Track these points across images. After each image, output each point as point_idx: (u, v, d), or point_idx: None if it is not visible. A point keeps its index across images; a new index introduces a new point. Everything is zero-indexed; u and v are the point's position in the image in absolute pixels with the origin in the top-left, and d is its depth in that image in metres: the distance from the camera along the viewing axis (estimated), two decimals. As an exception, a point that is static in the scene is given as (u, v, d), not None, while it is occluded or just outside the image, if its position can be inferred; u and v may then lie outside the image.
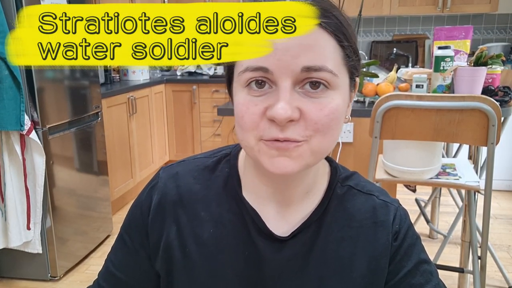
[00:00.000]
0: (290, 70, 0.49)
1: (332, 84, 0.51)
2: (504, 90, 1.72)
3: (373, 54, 3.87)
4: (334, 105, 0.51)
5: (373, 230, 0.62)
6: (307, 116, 0.50)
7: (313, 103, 0.51)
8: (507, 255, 2.35)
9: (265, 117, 0.51)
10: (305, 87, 0.51)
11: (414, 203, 2.62)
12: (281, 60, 0.49)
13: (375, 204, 0.63)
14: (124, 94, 2.98)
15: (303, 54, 0.49)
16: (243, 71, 0.51)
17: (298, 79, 0.50)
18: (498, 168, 2.70)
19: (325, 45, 0.51)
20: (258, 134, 0.52)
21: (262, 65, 0.49)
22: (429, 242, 2.51)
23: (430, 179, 1.57)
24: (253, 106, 0.51)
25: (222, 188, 0.63)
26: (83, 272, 2.27)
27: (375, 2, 3.47)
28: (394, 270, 0.61)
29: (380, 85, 1.93)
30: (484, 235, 1.55)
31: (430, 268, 0.62)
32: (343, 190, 0.64)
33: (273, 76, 0.50)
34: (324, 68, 0.50)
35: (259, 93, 0.51)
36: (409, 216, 0.65)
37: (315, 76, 0.50)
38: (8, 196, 1.96)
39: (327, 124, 0.51)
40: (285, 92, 0.49)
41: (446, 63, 1.71)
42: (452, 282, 2.06)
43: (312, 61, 0.49)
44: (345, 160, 1.99)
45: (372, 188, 0.65)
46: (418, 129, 1.43)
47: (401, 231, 0.62)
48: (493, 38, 3.73)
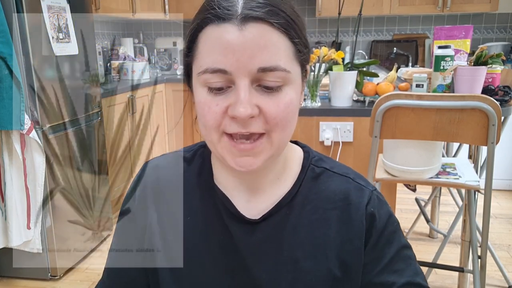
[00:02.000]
0: (248, 70, 0.52)
1: (285, 80, 0.54)
2: (504, 89, 1.72)
3: (373, 53, 3.87)
4: (288, 99, 0.54)
5: (347, 211, 0.62)
6: (265, 112, 0.53)
7: (270, 99, 0.53)
8: (507, 254, 2.35)
9: (227, 114, 0.53)
10: (261, 85, 0.53)
11: (414, 203, 2.62)
12: (239, 61, 0.51)
13: (349, 186, 0.64)
14: (124, 93, 2.98)
15: (259, 55, 0.51)
16: (202, 73, 0.53)
17: (254, 78, 0.52)
18: (498, 167, 2.70)
19: (278, 44, 0.53)
20: (220, 129, 0.54)
21: (220, 67, 0.52)
22: (429, 241, 2.51)
23: (430, 179, 1.57)
24: (214, 105, 0.54)
25: (196, 178, 0.67)
26: (83, 272, 2.27)
27: (375, 1, 3.46)
28: (377, 257, 0.62)
29: (380, 85, 1.93)
30: (484, 234, 1.55)
31: (409, 253, 0.64)
32: (317, 171, 0.65)
33: (231, 76, 0.52)
34: (278, 68, 0.52)
35: (219, 93, 0.54)
36: (387, 203, 0.66)
37: (269, 78, 0.52)
38: (8, 195, 1.96)
39: (284, 119, 0.54)
40: (244, 91, 0.52)
41: (446, 63, 1.71)
42: (452, 282, 2.06)
43: (267, 61, 0.52)
44: (345, 159, 1.99)
45: (348, 171, 0.66)
46: (418, 129, 1.43)
47: (380, 217, 0.62)
48: (493, 37, 3.73)
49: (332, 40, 3.93)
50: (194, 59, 0.56)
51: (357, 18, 1.98)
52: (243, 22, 0.51)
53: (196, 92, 0.56)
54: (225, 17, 0.52)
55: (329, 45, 3.82)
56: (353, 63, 1.96)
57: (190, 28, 0.57)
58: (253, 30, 0.51)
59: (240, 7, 0.52)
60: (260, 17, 0.52)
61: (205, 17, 0.54)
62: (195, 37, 0.56)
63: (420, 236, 2.57)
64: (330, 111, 1.95)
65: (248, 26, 0.51)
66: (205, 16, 0.54)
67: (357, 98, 2.03)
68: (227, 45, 0.51)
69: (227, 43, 0.51)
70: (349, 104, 1.94)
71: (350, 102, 1.94)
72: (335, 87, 1.92)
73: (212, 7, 0.53)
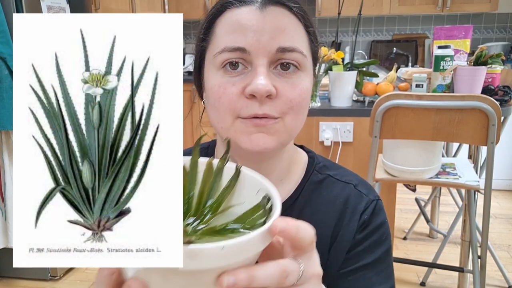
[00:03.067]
0: (267, 50, 0.52)
1: (302, 65, 0.55)
2: (504, 89, 1.72)
3: (372, 53, 3.87)
4: (304, 85, 0.55)
5: (344, 216, 0.62)
6: (282, 94, 0.53)
7: (287, 82, 0.54)
8: (507, 254, 2.35)
9: (243, 96, 0.53)
10: (278, 68, 0.54)
11: (414, 203, 2.62)
12: (259, 41, 0.52)
13: (350, 193, 0.63)
14: (124, 93, 2.98)
15: (278, 36, 0.52)
16: (220, 52, 0.53)
17: (273, 59, 0.53)
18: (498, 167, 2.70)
19: (296, 29, 0.54)
20: (235, 113, 0.53)
21: (240, 46, 0.52)
22: (429, 241, 2.51)
23: (430, 179, 1.57)
24: (230, 86, 0.53)
25: None
26: (83, 272, 2.27)
27: (375, 1, 3.47)
28: (354, 259, 0.61)
29: (380, 85, 1.93)
30: (484, 234, 1.55)
31: (387, 272, 0.62)
32: (321, 177, 0.65)
33: (249, 56, 0.52)
34: (296, 49, 0.53)
35: (235, 74, 0.53)
36: (385, 214, 0.64)
37: (288, 57, 0.53)
38: (8, 195, 1.96)
39: (299, 103, 0.54)
40: (262, 69, 0.52)
41: (446, 63, 1.71)
42: (452, 282, 2.06)
43: (287, 42, 0.53)
44: (345, 159, 1.99)
45: (352, 178, 0.66)
46: (418, 129, 1.43)
47: (371, 224, 0.61)
48: (493, 37, 3.73)
49: (332, 40, 3.93)
50: (210, 43, 0.56)
51: (357, 18, 1.98)
52: (263, 4, 0.53)
53: (210, 78, 0.56)
54: (246, 0, 0.54)
55: (328, 45, 3.82)
56: (353, 63, 1.96)
57: (207, 14, 0.57)
58: (273, 12, 0.53)
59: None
60: (280, 2, 0.54)
61: (225, 2, 0.55)
62: (212, 22, 0.56)
63: (420, 236, 2.57)
64: (330, 111, 1.95)
65: (269, 9, 0.53)
66: (225, 1, 0.55)
67: (357, 98, 2.03)
68: (248, 25, 0.52)
69: (248, 23, 0.52)
70: (349, 104, 1.94)
71: (350, 102, 1.95)
72: (335, 87, 1.92)
73: None
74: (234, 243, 0.30)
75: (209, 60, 0.56)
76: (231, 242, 0.30)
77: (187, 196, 0.41)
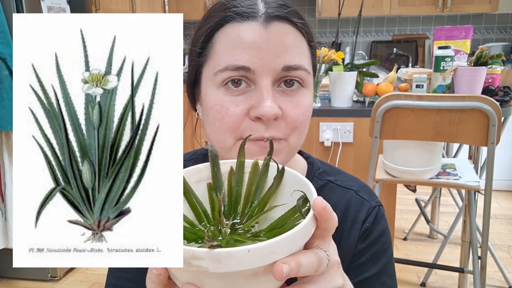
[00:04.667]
0: (272, 69, 0.50)
1: (305, 82, 0.53)
2: (504, 90, 1.72)
3: (373, 54, 3.87)
4: (307, 102, 0.54)
5: (344, 224, 0.60)
6: (287, 115, 0.52)
7: (290, 101, 0.52)
8: (507, 255, 2.35)
9: (247, 117, 0.51)
10: (281, 86, 0.52)
11: (414, 203, 2.62)
12: (263, 59, 0.50)
13: (351, 199, 0.62)
14: (124, 94, 2.98)
15: (283, 54, 0.50)
16: (222, 70, 0.51)
17: (277, 77, 0.51)
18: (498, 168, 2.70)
19: (300, 45, 0.53)
20: (238, 135, 0.52)
21: (245, 64, 0.50)
22: (429, 242, 2.51)
23: (430, 179, 1.57)
24: (234, 107, 0.51)
25: None
26: (83, 272, 2.27)
27: (375, 2, 3.47)
28: (356, 271, 0.59)
29: (380, 85, 1.93)
30: (484, 235, 1.55)
31: (391, 283, 0.60)
32: (320, 183, 0.63)
33: (253, 75, 0.50)
34: (301, 67, 0.52)
35: (238, 92, 0.51)
36: (387, 220, 0.63)
37: (293, 74, 0.51)
38: (8, 196, 1.96)
39: (303, 122, 0.53)
40: (268, 90, 0.50)
41: (446, 63, 1.71)
42: (452, 282, 2.06)
43: (292, 60, 0.51)
44: (345, 160, 1.99)
45: (353, 183, 0.64)
46: (418, 129, 1.43)
47: (373, 232, 0.60)
48: (493, 38, 3.73)
49: (332, 40, 3.93)
50: (209, 59, 0.53)
51: (357, 19, 1.98)
52: (267, 20, 0.50)
53: (209, 95, 0.53)
54: (248, 15, 0.50)
55: (329, 45, 3.82)
56: (353, 64, 1.96)
57: (204, 27, 0.54)
58: (278, 29, 0.50)
59: (262, 7, 0.51)
60: (284, 17, 0.51)
61: (226, 15, 0.52)
62: (210, 37, 0.53)
63: (420, 237, 2.57)
64: (330, 112, 1.95)
65: (273, 25, 0.50)
66: (226, 14, 0.52)
67: (357, 98, 2.03)
68: (252, 43, 0.49)
69: (252, 41, 0.50)
70: (349, 104, 1.94)
71: (350, 103, 1.95)
72: (335, 88, 1.92)
73: (234, 5, 0.51)
74: (260, 246, 0.31)
75: (208, 76, 0.53)
76: (257, 245, 0.31)
77: (234, 197, 0.42)
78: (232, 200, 0.41)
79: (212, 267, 0.31)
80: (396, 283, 0.62)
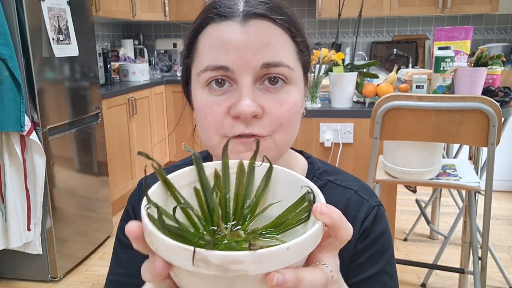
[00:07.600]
0: (251, 67, 0.50)
1: (289, 79, 0.53)
2: (504, 90, 1.72)
3: (373, 54, 3.87)
4: (293, 99, 0.53)
5: None
6: (269, 112, 0.52)
7: (274, 99, 0.52)
8: (508, 255, 2.34)
9: (228, 115, 0.52)
10: (264, 83, 0.52)
11: (414, 204, 2.62)
12: (242, 57, 0.50)
13: (350, 199, 0.61)
14: (124, 95, 2.98)
15: (262, 51, 0.50)
16: (203, 71, 0.52)
17: (258, 75, 0.51)
18: (498, 168, 2.70)
19: (281, 41, 0.52)
20: (222, 132, 0.53)
21: (223, 64, 0.50)
22: (430, 243, 2.51)
23: (430, 180, 1.57)
24: (216, 106, 0.52)
25: None
26: (83, 273, 2.27)
27: (375, 2, 3.47)
28: (356, 271, 0.59)
29: (380, 86, 1.93)
30: (485, 235, 1.55)
31: (392, 283, 0.60)
32: (320, 183, 0.63)
33: (233, 74, 0.51)
34: (282, 64, 0.51)
35: (220, 92, 0.52)
36: (387, 220, 0.62)
37: (273, 71, 0.51)
38: (8, 197, 1.96)
39: (288, 119, 0.53)
40: (247, 88, 0.50)
41: (446, 64, 1.71)
42: (453, 283, 2.06)
43: (271, 57, 0.51)
44: (345, 160, 1.99)
45: (353, 183, 0.63)
46: (418, 130, 1.43)
47: (372, 232, 0.59)
48: (494, 38, 3.73)
49: (332, 41, 3.93)
50: (194, 60, 0.55)
51: (357, 19, 1.98)
52: (245, 19, 0.51)
53: (196, 96, 0.55)
54: (227, 15, 0.51)
55: (329, 46, 3.82)
56: (353, 64, 1.96)
57: (190, 30, 0.56)
58: (256, 26, 0.51)
59: (241, 5, 0.52)
60: (262, 14, 0.51)
61: (206, 17, 0.53)
62: (195, 39, 0.55)
63: (420, 238, 2.57)
64: (330, 112, 1.95)
65: (251, 23, 0.51)
66: (206, 15, 0.53)
67: (357, 99, 2.03)
68: (229, 42, 0.50)
69: (229, 40, 0.50)
70: (349, 105, 1.94)
71: (350, 103, 1.95)
72: (335, 88, 1.92)
73: (214, 6, 0.53)
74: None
75: (194, 77, 0.55)
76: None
77: (224, 199, 0.41)
78: (222, 203, 0.41)
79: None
80: (397, 284, 0.61)
